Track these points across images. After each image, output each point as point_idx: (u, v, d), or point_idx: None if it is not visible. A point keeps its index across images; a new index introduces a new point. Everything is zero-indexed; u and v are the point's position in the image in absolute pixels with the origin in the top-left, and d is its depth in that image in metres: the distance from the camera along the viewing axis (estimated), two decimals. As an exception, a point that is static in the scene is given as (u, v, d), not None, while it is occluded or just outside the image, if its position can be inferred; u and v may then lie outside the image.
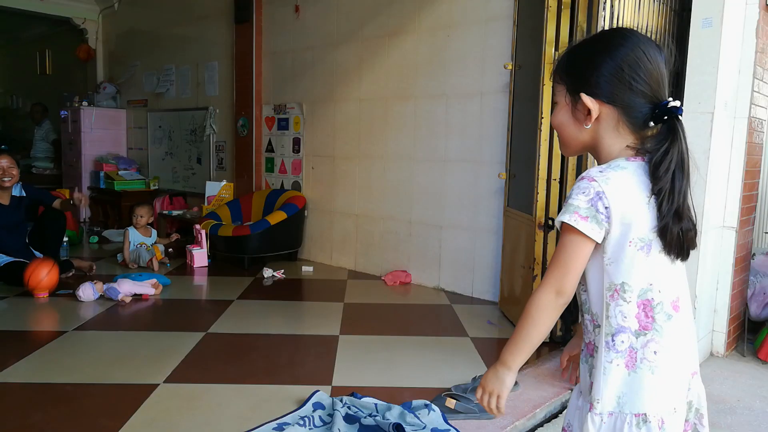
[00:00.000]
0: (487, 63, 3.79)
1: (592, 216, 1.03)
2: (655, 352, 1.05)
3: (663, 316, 1.06)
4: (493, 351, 3.01)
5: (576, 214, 1.03)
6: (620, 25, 2.64)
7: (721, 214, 2.95)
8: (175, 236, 5.08)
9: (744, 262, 3.19)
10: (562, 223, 1.06)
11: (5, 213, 4.09)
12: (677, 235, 1.04)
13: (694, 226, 1.07)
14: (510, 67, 3.46)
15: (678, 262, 1.08)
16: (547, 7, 2.84)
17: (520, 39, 3.39)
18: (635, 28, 1.15)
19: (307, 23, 4.91)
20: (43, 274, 3.69)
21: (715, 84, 2.66)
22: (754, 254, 3.40)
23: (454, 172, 4.03)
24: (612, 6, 2.61)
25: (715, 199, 2.84)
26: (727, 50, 2.72)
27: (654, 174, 1.03)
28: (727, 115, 2.82)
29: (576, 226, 1.03)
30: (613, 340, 1.06)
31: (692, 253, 1.07)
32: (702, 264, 2.77)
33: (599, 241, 1.04)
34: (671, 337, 1.06)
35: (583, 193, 1.04)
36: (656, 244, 1.05)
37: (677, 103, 1.04)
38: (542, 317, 1.08)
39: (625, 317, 1.05)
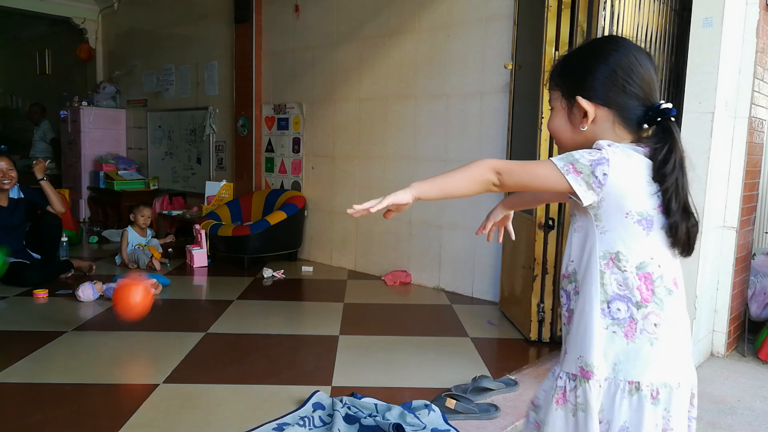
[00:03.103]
0: (487, 63, 3.79)
1: (587, 174, 1.04)
2: (655, 325, 1.07)
3: (663, 290, 1.08)
4: (493, 351, 3.01)
5: (571, 165, 1.05)
6: (621, 25, 2.64)
7: (721, 214, 2.94)
8: (170, 237, 5.18)
9: (744, 262, 3.19)
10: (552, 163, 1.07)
11: (4, 215, 4.09)
12: (685, 232, 1.07)
13: (697, 222, 1.10)
14: (510, 67, 3.46)
15: (680, 257, 1.11)
16: (547, 7, 2.84)
17: (520, 39, 3.39)
18: (636, 28, 1.19)
19: (307, 23, 4.91)
20: (137, 296, 2.75)
21: (715, 84, 2.66)
22: (754, 254, 3.40)
23: (454, 172, 4.02)
24: (612, 6, 2.61)
25: (716, 199, 2.83)
26: (728, 50, 2.72)
27: (660, 172, 1.05)
28: (727, 114, 2.82)
29: (565, 176, 1.04)
30: (608, 308, 1.09)
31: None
32: (702, 264, 2.76)
33: (579, 194, 1.04)
34: (672, 311, 1.09)
35: (589, 153, 1.06)
36: (657, 222, 1.07)
37: (670, 105, 1.08)
38: (468, 176, 1.11)
39: (621, 286, 1.08)
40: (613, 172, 1.03)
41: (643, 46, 2.75)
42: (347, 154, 4.74)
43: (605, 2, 2.59)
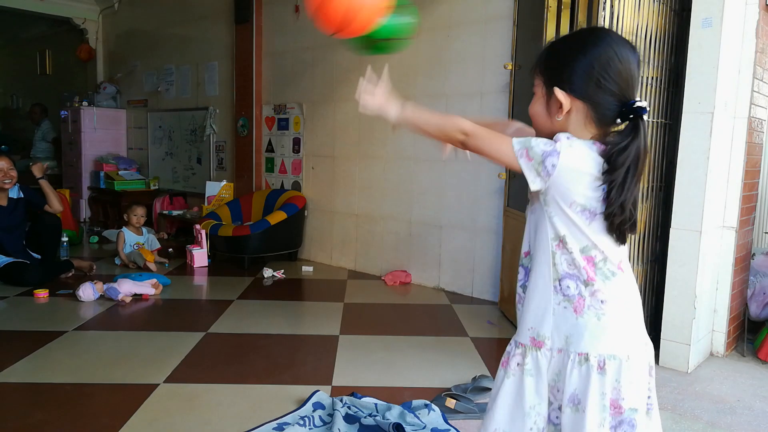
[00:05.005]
0: (487, 63, 3.79)
1: (537, 162, 1.10)
2: (602, 301, 1.14)
3: (606, 272, 1.15)
4: (493, 351, 3.01)
5: (525, 150, 1.11)
6: (620, 25, 2.64)
7: (721, 214, 2.94)
8: (162, 234, 5.47)
9: (744, 262, 3.19)
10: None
11: (4, 214, 4.10)
12: (618, 224, 1.13)
13: (631, 218, 1.14)
14: (510, 67, 3.46)
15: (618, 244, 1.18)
16: (547, 7, 2.84)
17: (520, 39, 3.40)
18: (635, 28, 1.21)
19: (307, 23, 4.91)
20: None
21: (715, 84, 2.66)
22: (754, 254, 3.40)
23: (454, 172, 4.03)
24: (612, 6, 2.61)
25: (715, 199, 2.83)
26: (727, 50, 2.72)
27: (609, 164, 1.10)
28: (727, 115, 2.82)
29: (518, 159, 1.12)
30: (560, 285, 1.16)
31: (691, 253, 1.09)
32: (702, 264, 2.76)
33: (528, 179, 1.12)
34: (617, 290, 1.15)
35: (545, 144, 1.11)
36: (600, 212, 1.13)
37: (643, 104, 1.12)
38: (443, 126, 1.22)
39: (570, 265, 1.15)
40: (562, 165, 1.09)
41: (642, 46, 2.76)
42: (347, 154, 4.74)
43: (605, 2, 2.59)
